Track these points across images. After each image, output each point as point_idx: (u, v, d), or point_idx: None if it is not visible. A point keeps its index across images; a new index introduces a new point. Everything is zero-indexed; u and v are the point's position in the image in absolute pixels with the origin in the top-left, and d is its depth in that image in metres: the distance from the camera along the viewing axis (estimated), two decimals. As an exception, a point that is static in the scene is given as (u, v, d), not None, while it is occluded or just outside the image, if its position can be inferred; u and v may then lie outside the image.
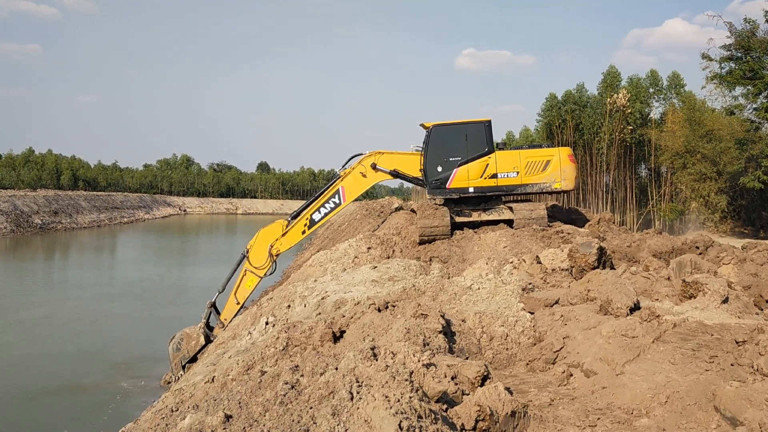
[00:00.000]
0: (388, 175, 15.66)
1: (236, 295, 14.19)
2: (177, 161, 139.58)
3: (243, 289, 14.30)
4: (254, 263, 14.44)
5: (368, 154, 15.69)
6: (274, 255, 14.63)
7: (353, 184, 15.52)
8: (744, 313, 6.48)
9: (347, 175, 15.49)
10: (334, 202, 15.35)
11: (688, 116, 36.82)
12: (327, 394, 4.08)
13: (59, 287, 25.83)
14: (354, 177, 15.53)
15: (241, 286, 14.28)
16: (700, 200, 35.05)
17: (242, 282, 14.31)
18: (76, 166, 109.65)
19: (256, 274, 14.38)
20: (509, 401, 4.32)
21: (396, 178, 15.93)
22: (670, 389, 4.75)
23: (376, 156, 15.65)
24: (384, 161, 15.64)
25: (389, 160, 15.73)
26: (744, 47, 31.51)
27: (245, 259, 14.40)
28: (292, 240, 15.12)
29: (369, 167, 15.47)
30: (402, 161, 15.84)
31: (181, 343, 12.91)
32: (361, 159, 15.66)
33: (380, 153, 15.73)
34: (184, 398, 6.12)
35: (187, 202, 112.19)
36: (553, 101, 53.67)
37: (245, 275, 14.34)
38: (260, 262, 14.50)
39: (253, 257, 14.45)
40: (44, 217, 55.50)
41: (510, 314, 7.37)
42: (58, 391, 11.73)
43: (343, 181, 15.45)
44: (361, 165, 15.54)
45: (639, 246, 12.15)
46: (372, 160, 15.56)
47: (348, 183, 15.48)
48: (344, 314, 7.22)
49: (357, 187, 15.61)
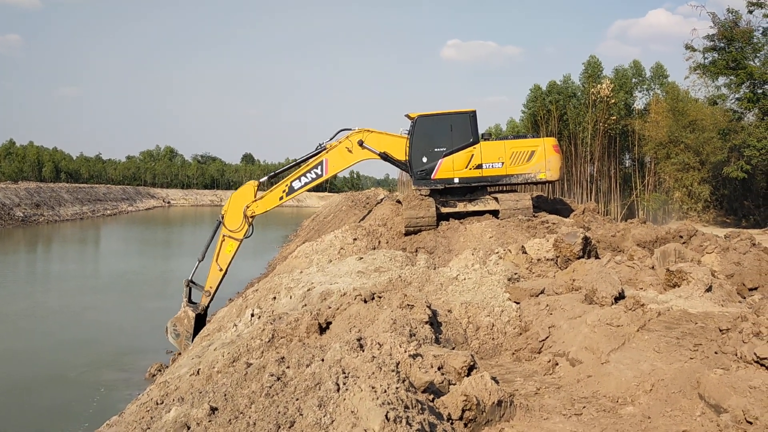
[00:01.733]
0: (376, 155, 15.59)
1: (218, 261, 14.44)
2: (160, 153, 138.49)
3: (223, 254, 14.53)
4: (230, 227, 14.66)
5: (357, 131, 15.65)
6: (249, 217, 14.83)
7: (338, 157, 15.50)
8: (727, 302, 6.54)
9: (333, 148, 15.46)
10: (316, 173, 15.36)
11: (672, 106, 37.11)
12: (313, 386, 4.07)
13: (42, 280, 25.58)
14: (339, 151, 15.51)
15: (222, 252, 14.50)
16: (683, 190, 35.40)
17: (222, 248, 14.53)
18: (58, 158, 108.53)
19: (234, 237, 14.60)
20: (495, 390, 4.33)
21: (385, 161, 15.86)
22: (654, 377, 4.78)
23: (364, 133, 15.60)
24: (372, 140, 15.60)
25: (377, 140, 15.69)
26: (727, 37, 31.74)
27: (221, 225, 14.67)
28: (269, 204, 15.30)
29: (356, 143, 15.41)
30: (391, 143, 15.77)
31: (176, 327, 13.19)
32: (349, 134, 15.60)
33: (369, 131, 15.67)
34: (169, 391, 6.08)
35: (170, 194, 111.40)
36: (537, 92, 53.79)
37: (224, 241, 14.57)
38: (236, 225, 14.72)
39: (228, 221, 14.69)
40: (26, 209, 54.85)
41: (496, 304, 7.39)
42: (41, 385, 11.63)
43: (328, 153, 15.43)
44: (348, 140, 15.49)
45: (623, 236, 12.21)
46: (360, 136, 15.51)
47: (333, 156, 15.46)
48: (330, 306, 7.20)
49: (341, 162, 15.59)
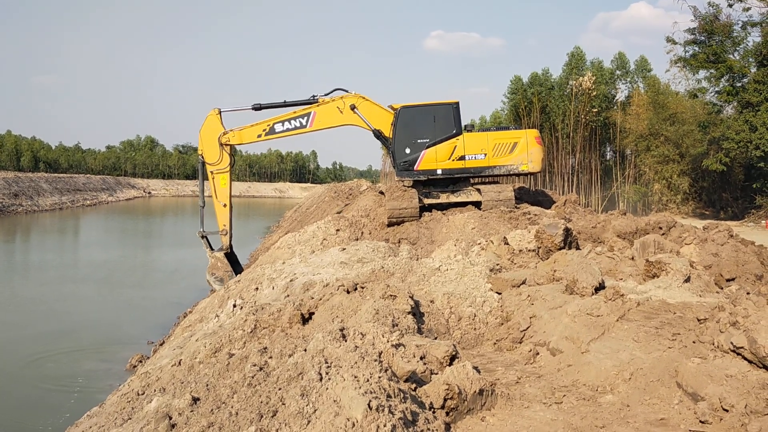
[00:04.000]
0: (367, 126, 15.55)
1: (218, 198, 14.96)
2: (141, 143, 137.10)
3: (219, 189, 14.99)
4: (211, 161, 15.01)
5: (352, 94, 15.62)
6: (225, 145, 15.11)
7: (326, 114, 15.50)
8: (705, 292, 6.63)
9: (324, 104, 15.46)
10: (300, 122, 15.38)
11: (653, 99, 37.41)
12: (296, 376, 4.07)
13: (21, 270, 25.27)
14: (330, 108, 15.49)
15: (217, 188, 14.99)
16: (663, 182, 35.75)
17: (215, 185, 15.00)
18: (37, 148, 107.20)
19: (221, 170, 14.98)
20: (477, 380, 4.37)
21: (376, 138, 15.84)
22: (633, 366, 4.85)
23: (358, 99, 15.56)
24: (364, 108, 15.57)
25: (369, 110, 15.66)
26: (708, 31, 32.02)
27: (205, 165, 15.02)
28: (246, 137, 15.47)
29: (347, 106, 15.39)
30: (383, 119, 15.71)
31: (215, 274, 14.19)
32: (344, 96, 15.58)
33: (363, 98, 15.66)
34: (150, 381, 6.05)
35: (151, 185, 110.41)
36: (518, 84, 53.92)
37: (213, 177, 14.99)
38: (215, 157, 15.05)
39: (208, 156, 15.03)
40: (4, 199, 54.09)
41: (478, 295, 7.44)
42: (20, 376, 11.51)
43: (318, 107, 15.43)
44: (342, 100, 15.48)
45: (604, 227, 12.33)
46: (353, 101, 15.45)
47: (321, 111, 15.46)
48: (313, 296, 7.20)
49: (328, 119, 15.58)
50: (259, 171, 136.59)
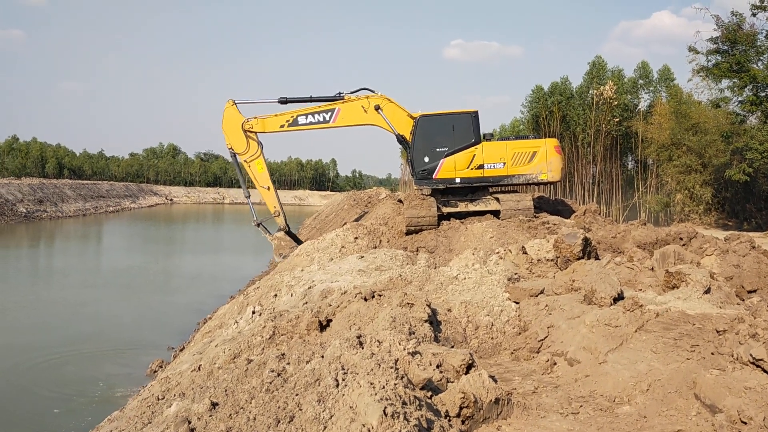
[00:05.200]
0: (390, 128, 15.85)
1: (260, 184, 16.00)
2: (163, 150, 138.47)
3: (258, 175, 15.92)
4: (241, 150, 15.79)
5: (378, 95, 15.97)
6: (249, 132, 15.76)
7: (350, 112, 15.83)
8: (725, 304, 6.57)
9: (350, 101, 15.79)
10: (324, 117, 15.79)
11: (675, 109, 37.03)
12: (313, 382, 4.11)
13: (44, 275, 25.64)
14: (354, 106, 15.82)
15: (256, 175, 15.96)
16: (685, 192, 35.33)
17: (253, 172, 15.95)
18: (62, 155, 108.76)
19: (253, 156, 15.84)
20: (493, 388, 4.38)
21: (399, 144, 16.05)
22: (651, 377, 4.83)
23: (383, 100, 15.87)
24: (389, 110, 15.86)
25: (393, 112, 15.92)
26: (731, 40, 31.67)
27: (236, 156, 15.89)
28: (269, 126, 15.97)
29: (372, 106, 15.69)
30: (405, 123, 15.94)
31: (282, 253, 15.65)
32: (369, 96, 15.92)
33: (388, 100, 15.97)
34: (170, 386, 6.13)
35: (173, 192, 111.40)
36: (539, 93, 53.73)
37: (249, 166, 15.91)
38: (243, 146, 15.79)
39: (237, 147, 15.81)
40: (29, 205, 54.93)
41: (495, 304, 7.44)
42: (42, 379, 11.66)
43: (343, 104, 15.79)
44: (367, 100, 15.81)
45: (624, 237, 12.25)
46: (378, 101, 15.78)
47: (346, 108, 15.80)
48: (331, 303, 7.24)
49: (351, 117, 15.91)
50: (279, 179, 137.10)
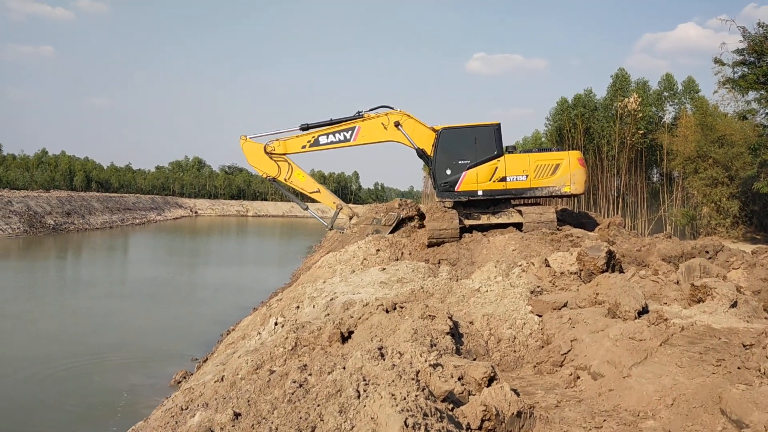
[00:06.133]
0: (410, 143, 16.00)
1: (309, 191, 17.15)
2: (189, 163, 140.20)
3: (303, 184, 17.00)
4: (274, 174, 16.71)
5: (398, 111, 16.14)
6: (273, 154, 16.47)
7: (371, 130, 16.02)
8: (752, 318, 6.47)
9: (370, 119, 15.97)
10: (344, 136, 16.04)
11: (700, 121, 36.64)
12: (334, 393, 4.13)
13: (71, 286, 26.01)
14: (374, 124, 15.99)
15: (301, 186, 17.01)
16: (711, 205, 34.88)
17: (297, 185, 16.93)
18: (89, 168, 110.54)
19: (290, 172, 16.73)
20: (515, 402, 4.35)
21: (419, 158, 16.19)
22: (676, 392, 4.77)
23: (403, 116, 16.03)
24: (409, 126, 15.99)
25: (413, 128, 16.05)
26: (757, 52, 31.29)
27: (274, 180, 16.89)
28: (291, 147, 16.48)
29: (392, 123, 15.86)
30: (426, 137, 16.03)
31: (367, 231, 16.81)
32: (389, 112, 16.11)
33: (408, 116, 16.11)
34: (193, 397, 6.19)
35: (198, 204, 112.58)
36: (563, 105, 53.52)
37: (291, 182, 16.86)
38: (275, 169, 16.58)
39: (272, 173, 16.70)
40: (57, 217, 55.86)
41: (518, 317, 7.40)
42: (67, 389, 11.81)
43: (363, 122, 15.97)
44: (387, 117, 15.98)
45: (648, 250, 12.12)
46: (398, 118, 15.94)
47: (366, 126, 15.98)
48: (352, 315, 7.26)
49: (372, 135, 16.10)
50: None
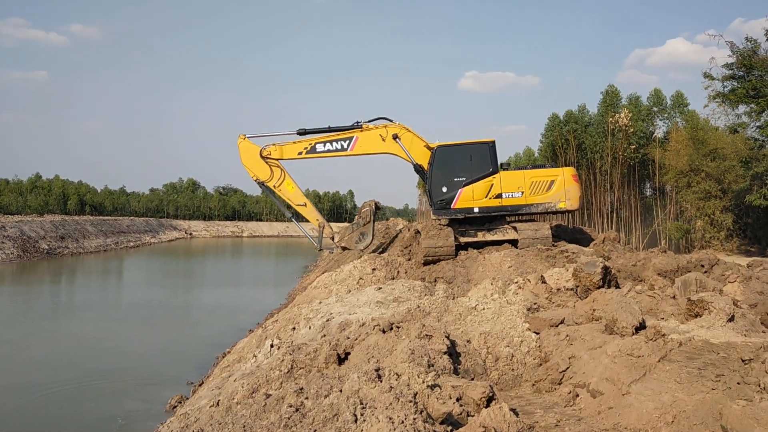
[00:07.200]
0: (407, 157, 16.05)
1: (295, 203, 16.89)
2: (183, 185, 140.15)
3: (291, 195, 16.72)
4: (266, 177, 16.56)
5: (396, 124, 16.22)
6: (268, 158, 16.38)
7: (368, 140, 16.06)
8: (750, 332, 6.45)
9: (368, 130, 16.01)
10: (342, 145, 16.08)
11: (692, 135, 36.91)
12: (331, 417, 4.08)
13: (65, 311, 25.81)
14: (372, 135, 16.05)
15: (289, 196, 16.76)
16: (705, 219, 35.02)
17: (284, 194, 16.67)
18: (83, 191, 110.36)
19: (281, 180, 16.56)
20: (514, 422, 4.30)
21: (416, 173, 16.23)
22: (676, 409, 4.73)
23: (401, 129, 16.09)
24: (406, 139, 16.07)
25: (411, 142, 16.12)
26: (746, 66, 31.64)
27: (264, 185, 16.65)
28: (287, 153, 16.44)
29: (390, 135, 15.91)
30: (422, 153, 16.11)
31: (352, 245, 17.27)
32: (388, 124, 16.17)
33: (406, 129, 16.19)
34: (189, 422, 6.11)
35: (193, 226, 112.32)
36: (554, 121, 53.86)
37: (280, 190, 16.60)
38: (268, 173, 16.46)
39: (262, 176, 16.53)
40: (51, 242, 55.60)
41: (515, 334, 7.36)
42: (61, 414, 11.68)
43: (361, 132, 16.02)
44: (385, 129, 16.07)
45: (644, 265, 12.11)
46: (396, 130, 16.01)
47: (364, 137, 16.04)
48: (349, 336, 7.21)
49: (369, 146, 16.14)
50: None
